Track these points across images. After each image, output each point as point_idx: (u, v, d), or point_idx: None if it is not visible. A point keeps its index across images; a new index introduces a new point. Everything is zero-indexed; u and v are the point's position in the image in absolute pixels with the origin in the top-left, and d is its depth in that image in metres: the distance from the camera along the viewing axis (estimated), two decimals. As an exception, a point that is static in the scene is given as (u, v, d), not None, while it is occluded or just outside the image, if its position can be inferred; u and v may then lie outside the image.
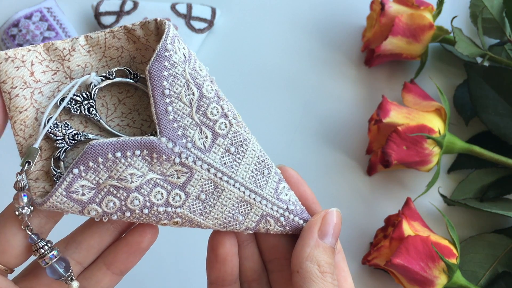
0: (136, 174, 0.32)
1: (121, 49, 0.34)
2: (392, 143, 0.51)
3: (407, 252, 0.47)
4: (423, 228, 0.50)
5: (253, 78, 0.62)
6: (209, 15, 0.64)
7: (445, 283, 0.47)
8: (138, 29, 0.33)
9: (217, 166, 0.33)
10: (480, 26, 0.57)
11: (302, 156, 0.59)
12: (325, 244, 0.34)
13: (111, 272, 0.36)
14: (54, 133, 0.32)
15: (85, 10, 0.65)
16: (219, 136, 0.33)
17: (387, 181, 0.58)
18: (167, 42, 0.32)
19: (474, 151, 0.54)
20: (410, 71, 0.62)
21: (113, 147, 0.31)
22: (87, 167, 0.31)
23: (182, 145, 0.33)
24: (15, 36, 0.61)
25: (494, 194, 0.54)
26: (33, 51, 0.32)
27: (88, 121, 0.34)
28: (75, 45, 0.33)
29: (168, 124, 0.32)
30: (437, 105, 0.53)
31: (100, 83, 0.33)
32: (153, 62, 0.32)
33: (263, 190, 0.35)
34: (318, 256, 0.33)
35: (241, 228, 0.35)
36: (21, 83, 0.32)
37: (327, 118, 0.60)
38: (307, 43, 0.64)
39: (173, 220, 0.33)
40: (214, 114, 0.33)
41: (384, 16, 0.57)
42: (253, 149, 0.34)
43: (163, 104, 0.32)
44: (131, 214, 0.33)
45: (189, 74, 0.33)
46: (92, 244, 0.36)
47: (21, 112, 0.32)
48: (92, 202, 0.32)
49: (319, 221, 0.35)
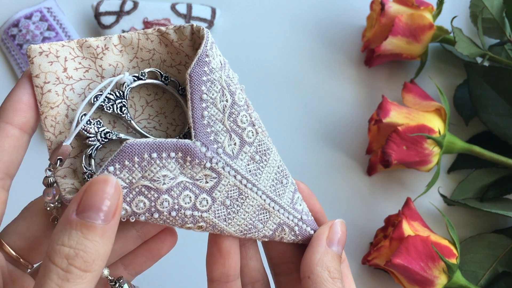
0: (168, 176, 0.32)
1: (152, 51, 0.34)
2: (392, 143, 0.51)
3: (407, 252, 0.47)
4: (423, 228, 0.50)
5: (253, 78, 0.62)
6: (209, 15, 0.64)
7: (445, 283, 0.47)
8: (171, 33, 0.33)
9: (243, 173, 0.34)
10: (480, 26, 0.57)
11: (302, 156, 0.59)
12: (333, 251, 0.35)
13: (127, 272, 0.37)
14: (87, 130, 0.32)
15: (85, 10, 0.65)
16: (246, 143, 0.34)
17: (387, 181, 0.58)
18: (207, 48, 0.32)
19: (474, 151, 0.54)
20: (410, 71, 0.62)
21: (149, 147, 0.31)
22: (122, 166, 0.31)
23: (213, 150, 0.33)
24: (15, 36, 0.61)
25: (494, 194, 0.54)
26: (67, 47, 0.32)
27: (117, 121, 0.34)
28: (109, 44, 0.33)
29: (202, 129, 0.32)
30: (437, 105, 0.53)
31: (132, 83, 0.33)
32: (194, 66, 0.32)
33: (281, 199, 0.35)
34: (327, 262, 0.34)
35: (259, 236, 0.35)
36: (54, 78, 0.31)
37: (327, 118, 0.60)
38: (307, 43, 0.64)
39: (198, 224, 0.33)
40: (244, 122, 0.34)
41: (384, 16, 0.57)
42: (274, 159, 0.35)
43: (199, 109, 0.32)
44: (159, 216, 0.32)
45: (225, 81, 0.33)
46: (115, 248, 0.36)
47: (52, 108, 0.31)
48: (123, 201, 0.32)
49: (327, 230, 0.36)
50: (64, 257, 0.27)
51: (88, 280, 0.28)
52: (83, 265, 0.28)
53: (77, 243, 0.28)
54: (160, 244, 0.37)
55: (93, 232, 0.28)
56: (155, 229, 0.37)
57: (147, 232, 0.37)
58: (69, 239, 0.28)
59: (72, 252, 0.27)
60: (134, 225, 0.37)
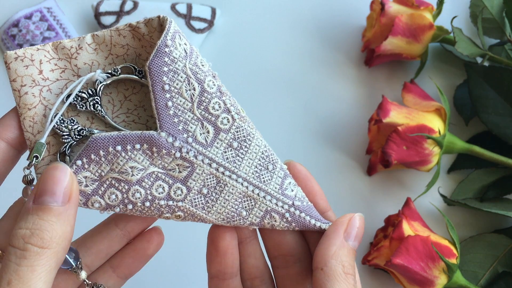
0: (136, 168, 0.33)
1: (126, 47, 0.34)
2: (392, 143, 0.51)
3: (407, 252, 0.47)
4: (423, 228, 0.50)
5: (253, 78, 0.62)
6: (209, 15, 0.64)
7: (445, 283, 0.47)
8: (142, 27, 0.34)
9: (219, 161, 0.34)
10: (480, 26, 0.57)
11: (302, 156, 0.59)
12: (350, 246, 0.34)
13: (116, 275, 0.37)
14: (61, 129, 0.33)
15: (85, 10, 0.65)
16: (221, 131, 0.34)
17: (387, 181, 0.58)
18: (167, 38, 0.32)
19: (474, 151, 0.54)
20: (410, 71, 0.62)
21: (113, 140, 0.32)
22: (89, 159, 0.32)
23: (182, 139, 0.33)
24: (15, 36, 0.61)
25: (494, 194, 0.54)
26: (41, 50, 0.33)
27: (95, 118, 0.34)
28: (82, 43, 0.34)
29: (168, 119, 0.33)
30: (437, 105, 0.53)
31: (105, 80, 0.34)
32: (153, 57, 0.32)
33: (267, 185, 0.35)
34: (342, 256, 0.34)
35: (245, 223, 0.35)
36: (30, 81, 0.33)
37: (327, 118, 0.60)
38: (307, 43, 0.64)
39: (175, 213, 0.34)
40: (216, 109, 0.34)
41: (384, 16, 0.57)
42: (257, 144, 0.35)
43: (163, 99, 0.33)
44: (133, 207, 0.33)
45: (190, 70, 0.33)
46: (101, 249, 0.36)
47: (30, 109, 0.33)
48: (95, 194, 0.33)
49: (346, 223, 0.35)
50: (21, 238, 0.29)
51: (47, 257, 0.29)
52: (39, 242, 0.28)
53: (33, 224, 0.29)
54: (146, 244, 0.37)
55: (48, 213, 0.29)
56: (138, 227, 0.37)
57: (130, 231, 0.37)
58: (26, 223, 0.29)
59: (28, 232, 0.29)
60: (117, 224, 0.37)
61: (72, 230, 0.30)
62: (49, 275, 0.29)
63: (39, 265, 0.28)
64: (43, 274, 0.28)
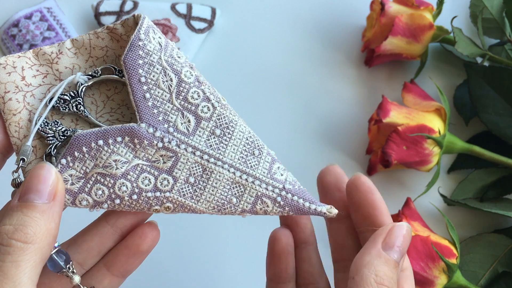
0: (120, 161, 0.33)
1: (105, 49, 0.35)
2: (392, 143, 0.51)
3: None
4: (423, 228, 0.50)
5: (253, 78, 0.62)
6: (209, 15, 0.64)
7: (445, 283, 0.47)
8: (119, 28, 0.35)
9: (202, 148, 0.34)
10: (480, 26, 0.57)
11: (302, 156, 0.59)
12: (388, 256, 0.32)
13: (110, 274, 0.36)
14: (45, 131, 0.34)
15: (85, 10, 0.65)
16: (203, 119, 0.34)
17: (387, 181, 0.58)
18: (140, 32, 0.33)
19: (474, 151, 0.54)
20: (410, 71, 0.62)
21: (95, 135, 0.33)
22: (73, 157, 0.33)
23: (163, 129, 0.34)
24: (15, 36, 0.61)
25: (494, 194, 0.54)
26: (23, 57, 0.34)
27: (79, 119, 0.35)
28: (62, 48, 0.35)
29: (147, 110, 0.34)
30: (437, 105, 0.53)
31: (87, 81, 0.35)
32: (127, 51, 0.33)
33: (255, 170, 0.35)
34: (377, 266, 0.31)
35: (237, 211, 0.35)
36: (13, 87, 0.33)
37: (327, 118, 0.60)
38: (307, 43, 0.64)
39: (164, 205, 0.34)
40: (195, 98, 0.34)
41: (384, 16, 0.57)
42: (240, 131, 0.35)
43: (140, 91, 0.33)
44: (121, 202, 0.34)
45: (166, 62, 0.34)
46: (92, 246, 0.36)
47: (15, 114, 0.33)
48: (82, 191, 0.33)
49: (385, 232, 0.33)
50: (5, 234, 0.29)
51: (32, 252, 0.29)
52: (23, 237, 0.29)
53: (17, 220, 0.29)
54: (138, 240, 0.36)
55: (33, 210, 0.29)
56: (130, 222, 0.36)
57: (122, 227, 0.36)
58: (10, 219, 0.29)
59: (12, 228, 0.29)
60: (107, 221, 0.36)
61: (57, 227, 0.31)
62: (34, 271, 0.29)
63: (23, 261, 0.28)
64: (27, 270, 0.28)
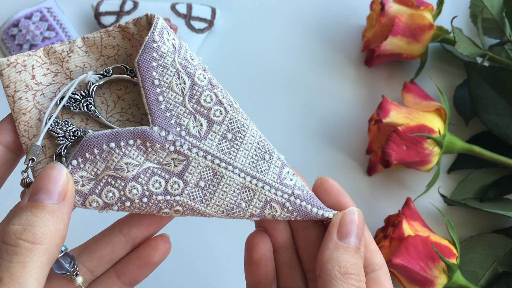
0: (131, 164, 0.33)
1: (117, 47, 0.35)
2: (392, 143, 0.51)
3: (407, 252, 0.47)
4: (423, 228, 0.50)
5: (253, 78, 0.62)
6: (209, 15, 0.64)
7: (445, 283, 0.47)
8: (131, 27, 0.34)
9: (214, 153, 0.34)
10: (480, 26, 0.57)
11: (302, 156, 0.59)
12: (346, 244, 0.32)
13: (120, 282, 0.37)
14: (55, 131, 0.33)
15: (85, 10, 0.65)
16: (215, 123, 0.34)
17: (387, 181, 0.58)
18: (155, 34, 0.33)
19: (474, 151, 0.54)
20: (410, 71, 0.62)
21: (107, 138, 0.33)
22: (84, 159, 0.33)
23: (176, 133, 0.33)
24: (15, 36, 0.61)
25: (494, 194, 0.54)
26: (33, 56, 0.33)
27: (89, 118, 0.35)
28: (73, 47, 0.34)
29: (160, 114, 0.33)
30: (437, 105, 0.53)
31: (98, 81, 0.34)
32: (141, 53, 0.33)
33: (265, 175, 0.34)
34: (338, 257, 0.32)
35: (245, 215, 0.35)
36: (23, 86, 0.33)
37: (327, 118, 0.60)
38: (307, 43, 0.64)
39: (174, 208, 0.34)
40: (208, 101, 0.34)
41: (384, 16, 0.57)
42: (251, 135, 0.35)
43: (153, 94, 0.33)
44: (131, 204, 0.33)
45: (179, 64, 0.33)
46: (103, 254, 0.36)
47: (24, 113, 0.33)
48: (92, 193, 0.33)
49: (337, 222, 0.33)
50: (13, 234, 0.28)
51: (39, 253, 0.28)
52: (31, 238, 0.28)
53: (26, 220, 0.29)
54: (151, 251, 0.36)
55: (42, 210, 0.29)
56: (142, 233, 0.36)
57: (134, 237, 0.36)
58: (19, 219, 0.29)
59: (20, 228, 0.29)
60: (121, 230, 0.36)
61: (65, 229, 0.30)
62: (41, 272, 0.29)
63: (31, 262, 0.28)
64: (34, 271, 0.28)
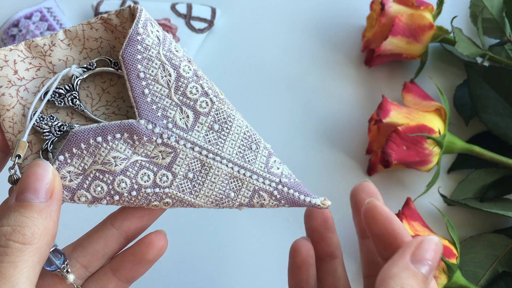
0: (119, 157, 0.33)
1: (100, 40, 0.34)
2: (392, 143, 0.51)
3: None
4: (423, 228, 0.50)
5: (253, 78, 0.62)
6: (209, 15, 0.64)
7: (445, 283, 0.47)
8: (114, 18, 0.34)
9: (201, 144, 0.34)
10: (480, 26, 0.57)
11: (302, 156, 0.59)
12: (416, 270, 0.31)
13: (116, 279, 0.36)
14: (41, 126, 0.33)
15: (85, 10, 0.65)
16: (201, 114, 0.34)
17: (387, 181, 0.58)
18: (139, 26, 0.32)
19: (474, 151, 0.54)
20: (410, 71, 0.62)
21: (93, 132, 0.32)
22: (71, 154, 0.32)
23: (162, 125, 0.33)
24: (15, 36, 0.61)
25: (494, 194, 0.54)
26: (15, 50, 0.33)
27: (74, 113, 0.35)
28: (55, 40, 0.34)
29: (146, 106, 0.33)
30: (437, 105, 0.53)
31: (82, 74, 0.34)
32: (126, 46, 0.32)
33: (253, 165, 0.35)
34: (404, 279, 0.30)
35: (234, 205, 0.35)
36: (6, 82, 0.33)
37: (327, 118, 0.60)
38: (307, 43, 0.64)
39: (163, 201, 0.34)
40: (194, 93, 0.34)
41: (384, 16, 0.57)
42: (238, 125, 0.35)
43: (139, 87, 0.33)
44: (120, 198, 0.33)
45: (164, 56, 0.33)
46: (97, 248, 0.36)
47: (8, 110, 0.33)
48: (81, 188, 0.33)
49: (414, 245, 0.32)
50: (3, 235, 0.29)
51: (30, 253, 0.29)
52: (20, 238, 0.29)
53: (15, 221, 0.29)
54: (145, 248, 0.36)
55: (30, 210, 0.29)
56: (135, 225, 0.36)
57: (127, 230, 0.36)
58: (8, 220, 0.29)
59: (10, 229, 0.29)
60: (113, 224, 0.36)
61: (55, 226, 0.30)
62: (32, 271, 0.29)
63: (21, 261, 0.28)
64: (25, 270, 0.28)
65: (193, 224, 0.56)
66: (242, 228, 0.56)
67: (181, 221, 0.55)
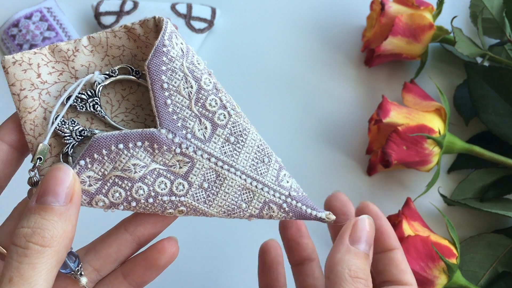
0: (139, 165, 0.33)
1: (122, 48, 0.35)
2: (392, 143, 0.51)
3: (407, 252, 0.47)
4: (423, 228, 0.50)
5: (253, 78, 0.62)
6: (209, 15, 0.64)
7: (445, 283, 0.47)
8: (138, 28, 0.34)
9: (217, 155, 0.35)
10: (480, 26, 0.57)
11: (302, 156, 0.59)
12: (357, 250, 0.34)
13: (127, 283, 0.37)
14: (62, 130, 0.34)
15: (85, 10, 0.65)
16: (219, 126, 0.35)
17: (387, 181, 0.58)
18: (165, 38, 0.33)
19: (474, 151, 0.54)
20: (410, 71, 0.62)
21: (115, 139, 0.33)
22: (92, 159, 0.33)
23: (182, 136, 0.34)
24: (15, 36, 0.61)
25: (494, 194, 0.54)
26: (39, 54, 0.34)
27: (94, 118, 0.35)
28: (79, 46, 0.34)
29: (167, 116, 0.34)
30: (437, 105, 0.53)
31: (103, 81, 0.35)
32: (152, 57, 0.33)
33: (265, 177, 0.35)
34: (349, 261, 0.33)
35: (245, 215, 0.36)
36: (29, 85, 0.33)
37: (327, 118, 0.60)
38: (307, 43, 0.64)
39: (178, 209, 0.35)
40: (213, 105, 0.34)
41: (384, 16, 0.57)
42: (252, 139, 0.35)
43: (162, 97, 0.34)
44: (136, 204, 0.34)
45: (187, 68, 0.34)
46: (109, 252, 0.36)
47: (30, 112, 0.33)
48: (99, 193, 0.33)
49: (350, 228, 0.35)
50: (23, 236, 0.29)
51: (48, 255, 0.29)
52: (40, 241, 0.29)
53: (35, 223, 0.29)
54: (157, 254, 0.36)
55: (50, 213, 0.30)
56: (148, 231, 0.36)
57: (140, 235, 0.36)
58: (28, 222, 0.30)
59: (30, 231, 0.29)
60: (126, 229, 0.36)
61: (73, 229, 0.31)
62: (50, 273, 0.29)
63: (40, 263, 0.29)
64: (43, 272, 0.29)
65: (193, 225, 0.56)
66: (242, 228, 0.56)
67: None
